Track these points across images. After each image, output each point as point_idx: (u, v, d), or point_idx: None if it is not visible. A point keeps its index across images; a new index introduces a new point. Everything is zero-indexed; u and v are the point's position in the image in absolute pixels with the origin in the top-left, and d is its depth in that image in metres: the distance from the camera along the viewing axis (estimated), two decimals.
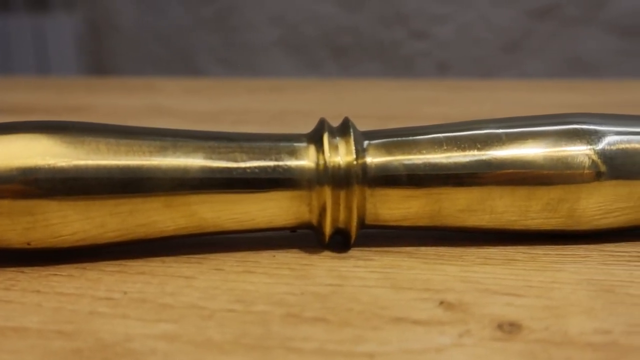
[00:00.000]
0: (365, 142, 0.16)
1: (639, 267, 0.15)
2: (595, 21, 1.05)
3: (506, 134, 0.16)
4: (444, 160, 0.16)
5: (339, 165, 0.15)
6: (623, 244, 0.16)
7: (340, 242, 0.16)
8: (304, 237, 0.17)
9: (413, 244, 0.17)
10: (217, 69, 1.11)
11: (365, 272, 0.15)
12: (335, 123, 0.17)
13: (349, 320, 0.13)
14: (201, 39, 1.12)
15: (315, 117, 0.18)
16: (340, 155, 0.15)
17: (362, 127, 0.17)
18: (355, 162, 0.15)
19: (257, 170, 0.15)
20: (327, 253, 0.16)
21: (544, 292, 0.14)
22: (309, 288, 0.14)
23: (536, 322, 0.13)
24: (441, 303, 0.13)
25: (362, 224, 0.16)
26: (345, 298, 0.14)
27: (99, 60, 1.10)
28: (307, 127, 0.17)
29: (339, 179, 0.15)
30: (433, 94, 0.43)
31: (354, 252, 0.16)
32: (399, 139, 0.16)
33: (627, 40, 1.05)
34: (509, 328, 0.12)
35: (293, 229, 0.17)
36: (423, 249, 0.16)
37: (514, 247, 0.16)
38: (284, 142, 0.16)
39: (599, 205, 0.16)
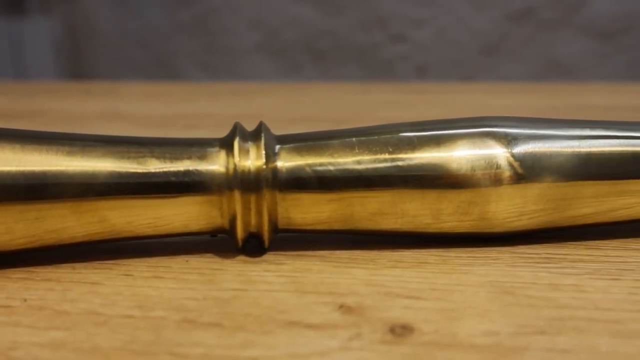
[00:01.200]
0: (277, 147, 0.16)
1: (546, 268, 0.15)
2: (571, 24, 1.06)
3: (418, 137, 0.16)
4: (355, 164, 0.16)
5: (249, 170, 0.15)
6: (536, 245, 0.17)
7: (256, 246, 0.16)
8: (222, 242, 0.17)
9: (329, 247, 0.17)
10: (197, 74, 1.10)
11: (273, 276, 0.15)
12: (289, 127, 0.17)
13: (243, 325, 0.13)
14: (180, 43, 1.12)
15: (271, 120, 0.18)
16: (251, 159, 0.15)
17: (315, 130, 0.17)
18: (264, 167, 0.15)
19: (167, 175, 0.15)
20: (241, 257, 0.16)
21: (446, 295, 0.14)
22: (213, 293, 0.14)
23: (428, 325, 0.13)
24: (340, 307, 0.13)
25: (275, 228, 0.16)
26: (246, 303, 0.14)
27: (77, 65, 1.09)
28: None
29: (249, 184, 0.15)
30: (395, 96, 0.44)
31: (268, 256, 0.16)
32: (312, 142, 0.16)
33: (603, 42, 1.06)
34: (401, 331, 0.13)
35: (213, 233, 0.17)
36: (338, 252, 0.16)
37: (428, 250, 0.16)
38: (196, 146, 0.16)
39: (510, 207, 0.16)
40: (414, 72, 1.12)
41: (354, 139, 0.16)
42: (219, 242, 0.17)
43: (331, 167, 0.16)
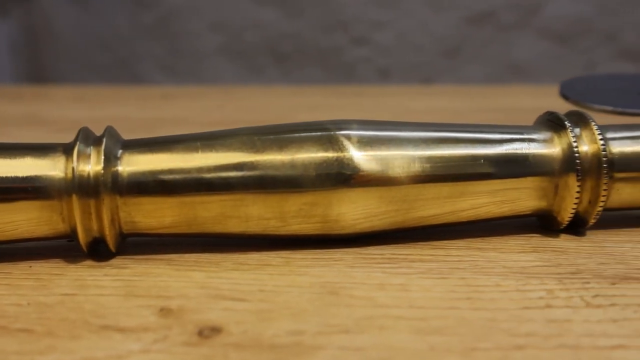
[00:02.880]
0: (120, 151, 0.16)
1: (382, 268, 0.16)
2: (529, 27, 1.07)
3: (261, 141, 0.16)
4: (197, 168, 0.16)
5: (88, 175, 0.15)
6: (384, 246, 0.17)
7: (106, 250, 0.16)
8: (73, 247, 0.17)
9: (180, 251, 0.17)
10: (160, 77, 1.10)
11: (109, 280, 0.15)
12: (209, 129, 0.17)
13: (54, 331, 0.13)
14: (142, 46, 1.11)
15: (190, 124, 0.17)
16: (91, 164, 0.16)
17: None
18: (103, 171, 0.15)
19: (9, 180, 0.15)
20: (87, 262, 0.16)
21: (271, 297, 0.14)
22: (40, 298, 0.14)
23: (239, 326, 0.13)
24: (161, 310, 0.14)
25: (120, 232, 0.16)
26: (69, 308, 0.14)
27: (36, 68, 1.08)
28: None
29: (88, 188, 0.15)
30: (326, 99, 0.44)
31: (115, 260, 0.16)
32: (156, 147, 0.16)
33: (561, 45, 1.08)
34: (209, 333, 0.13)
35: (68, 238, 0.17)
36: (187, 255, 0.16)
37: (276, 252, 0.17)
38: (39, 151, 0.16)
39: (354, 209, 0.16)
40: (376, 74, 1.13)
41: (198, 143, 0.16)
42: (71, 248, 0.17)
43: (173, 171, 0.16)
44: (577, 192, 0.17)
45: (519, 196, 0.17)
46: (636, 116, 0.21)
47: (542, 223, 0.18)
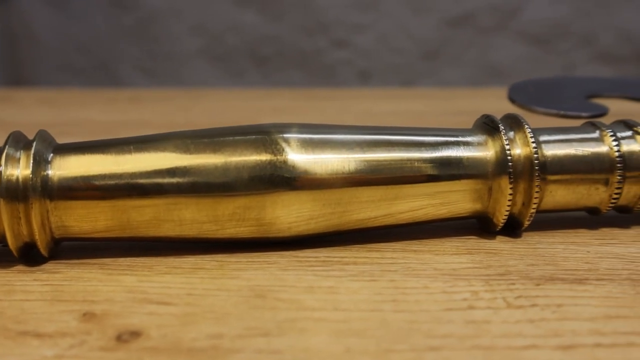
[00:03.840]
0: (51, 155, 0.16)
1: (315, 271, 0.16)
2: (508, 30, 1.09)
3: (194, 144, 0.16)
4: (128, 171, 0.16)
5: (16, 179, 0.15)
6: (321, 249, 0.17)
7: (40, 255, 0.16)
8: (7, 251, 0.17)
9: (115, 255, 0.17)
10: (140, 80, 1.09)
11: (38, 285, 0.15)
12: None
13: None
14: (122, 48, 1.10)
15: (153, 126, 0.17)
16: (20, 168, 0.15)
17: None
18: (32, 175, 0.15)
19: None
20: (19, 267, 0.16)
21: (198, 300, 0.14)
22: None
23: (160, 330, 0.13)
24: (84, 315, 0.14)
25: (52, 237, 0.16)
26: None
27: (15, 70, 1.07)
28: None
29: (16, 193, 0.15)
30: (294, 102, 0.44)
31: (48, 265, 0.16)
32: (88, 151, 0.16)
33: (539, 47, 1.10)
34: (128, 337, 0.13)
35: (2, 243, 0.17)
36: (121, 259, 0.16)
37: (211, 256, 0.17)
38: None
39: (288, 212, 0.16)
40: (356, 77, 1.14)
41: (131, 146, 0.16)
42: (4, 252, 0.17)
43: (104, 175, 0.16)
44: (510, 194, 0.17)
45: (455, 199, 0.17)
46: (580, 119, 0.21)
47: (480, 225, 0.18)
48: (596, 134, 0.18)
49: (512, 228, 0.18)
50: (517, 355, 0.12)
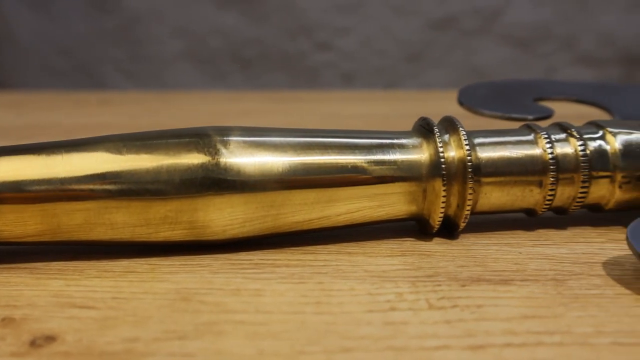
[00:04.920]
0: None
1: (245, 274, 0.16)
2: (491, 33, 1.09)
3: (127, 147, 0.16)
4: (58, 175, 0.16)
5: None
6: (256, 252, 0.17)
7: None
8: None
9: (48, 259, 0.17)
10: (122, 82, 1.09)
11: None
12: None
13: None
14: (105, 51, 1.10)
15: (114, 130, 0.17)
16: None
17: None
18: None
19: None
20: None
21: (121, 304, 0.14)
22: None
23: (76, 335, 0.13)
24: (3, 320, 0.13)
25: None
26: None
27: None
28: None
29: None
30: (262, 105, 0.44)
31: None
32: (17, 154, 0.16)
33: (520, 50, 1.11)
34: (42, 342, 0.13)
35: None
36: (53, 264, 0.16)
37: (145, 259, 0.17)
38: None
39: (221, 215, 0.16)
40: (340, 79, 1.14)
41: (62, 150, 0.16)
42: None
43: (34, 179, 0.16)
44: (444, 196, 0.17)
45: (392, 201, 0.17)
46: (525, 121, 0.22)
47: (419, 227, 0.19)
48: (531, 137, 0.18)
49: (450, 230, 0.18)
50: (428, 356, 0.12)
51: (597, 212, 0.19)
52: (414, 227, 0.19)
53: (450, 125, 0.18)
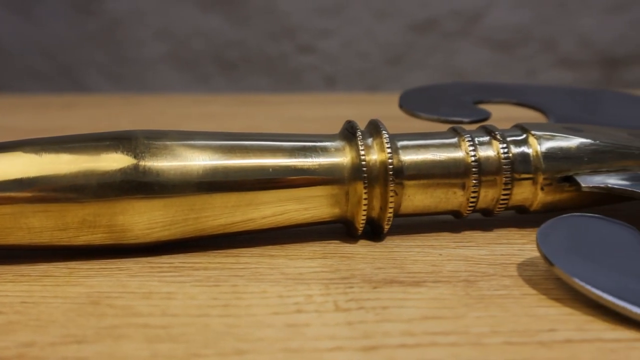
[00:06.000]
0: None
1: (162, 277, 0.16)
2: (471, 35, 1.10)
3: (45, 151, 0.16)
4: None
5: None
6: (178, 255, 0.17)
7: None
8: None
9: None
10: (105, 85, 1.08)
11: None
12: None
13: None
14: (87, 54, 1.09)
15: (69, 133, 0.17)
16: None
17: None
18: None
19: None
20: None
21: (29, 308, 0.14)
22: None
23: None
24: None
25: None
26: None
27: None
28: None
29: None
30: (229, 108, 0.44)
31: None
32: None
33: (500, 53, 1.11)
34: None
35: None
36: None
37: (65, 263, 0.16)
38: None
39: (141, 219, 0.16)
40: (322, 82, 1.14)
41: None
42: None
43: None
44: (365, 199, 0.17)
45: (316, 204, 0.17)
46: (461, 124, 0.22)
47: (346, 230, 0.19)
48: (454, 140, 0.18)
49: (376, 232, 0.18)
50: (320, 357, 0.12)
51: (524, 214, 0.19)
52: (342, 230, 0.19)
53: (374, 128, 0.18)
